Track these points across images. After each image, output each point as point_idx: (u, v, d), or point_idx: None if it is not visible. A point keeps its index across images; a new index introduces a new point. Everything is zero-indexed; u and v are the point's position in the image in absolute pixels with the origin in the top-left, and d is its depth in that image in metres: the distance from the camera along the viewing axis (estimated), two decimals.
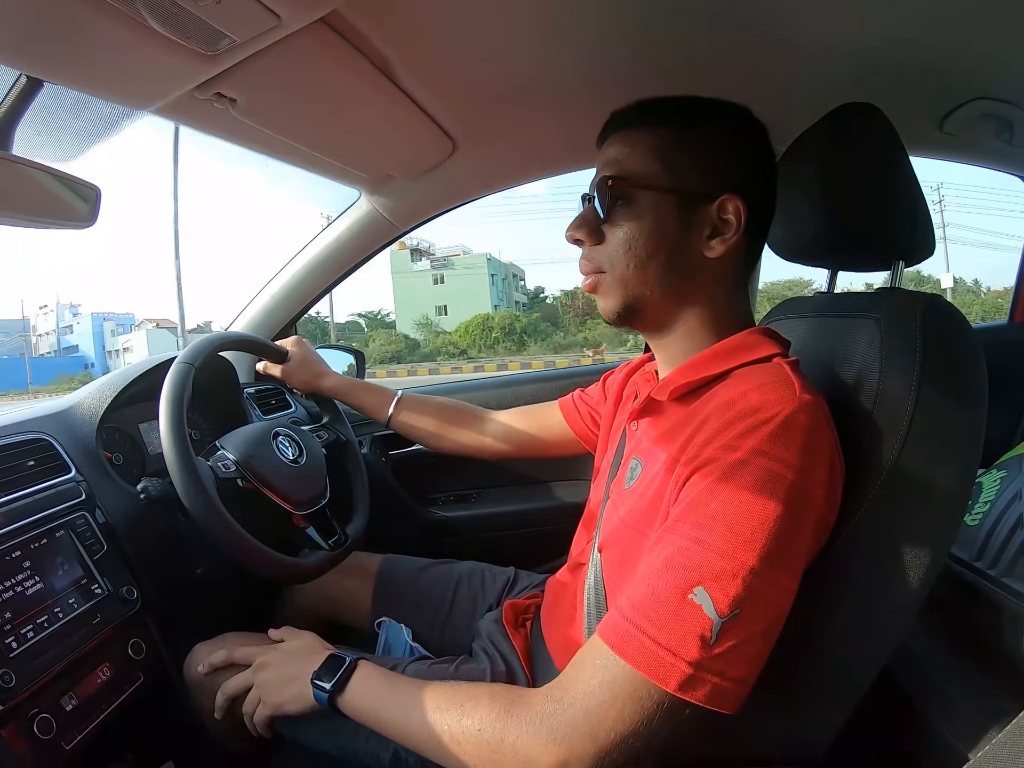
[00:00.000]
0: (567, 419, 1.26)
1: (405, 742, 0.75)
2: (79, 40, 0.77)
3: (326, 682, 0.82)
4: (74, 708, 0.89)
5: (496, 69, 1.07)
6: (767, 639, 0.62)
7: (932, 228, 0.85)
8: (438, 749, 0.69)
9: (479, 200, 1.66)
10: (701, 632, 0.58)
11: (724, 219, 0.76)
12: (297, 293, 1.71)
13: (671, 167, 0.76)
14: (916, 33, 1.02)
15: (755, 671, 0.62)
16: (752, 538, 0.60)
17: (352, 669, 0.83)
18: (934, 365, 0.71)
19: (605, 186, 0.78)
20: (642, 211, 0.77)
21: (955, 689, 0.91)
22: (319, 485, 1.17)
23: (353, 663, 0.84)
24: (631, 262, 0.78)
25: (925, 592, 0.71)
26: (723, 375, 0.75)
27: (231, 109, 0.99)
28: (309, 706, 0.84)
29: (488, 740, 0.65)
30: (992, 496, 1.05)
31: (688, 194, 0.76)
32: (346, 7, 0.83)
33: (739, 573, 0.59)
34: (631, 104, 0.81)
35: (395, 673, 0.87)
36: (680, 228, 0.77)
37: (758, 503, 0.61)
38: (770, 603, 0.61)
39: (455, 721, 0.69)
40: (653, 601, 0.62)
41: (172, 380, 1.01)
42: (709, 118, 0.78)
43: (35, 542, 0.93)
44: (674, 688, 0.58)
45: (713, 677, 0.59)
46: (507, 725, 0.65)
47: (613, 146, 0.81)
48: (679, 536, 0.64)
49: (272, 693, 0.88)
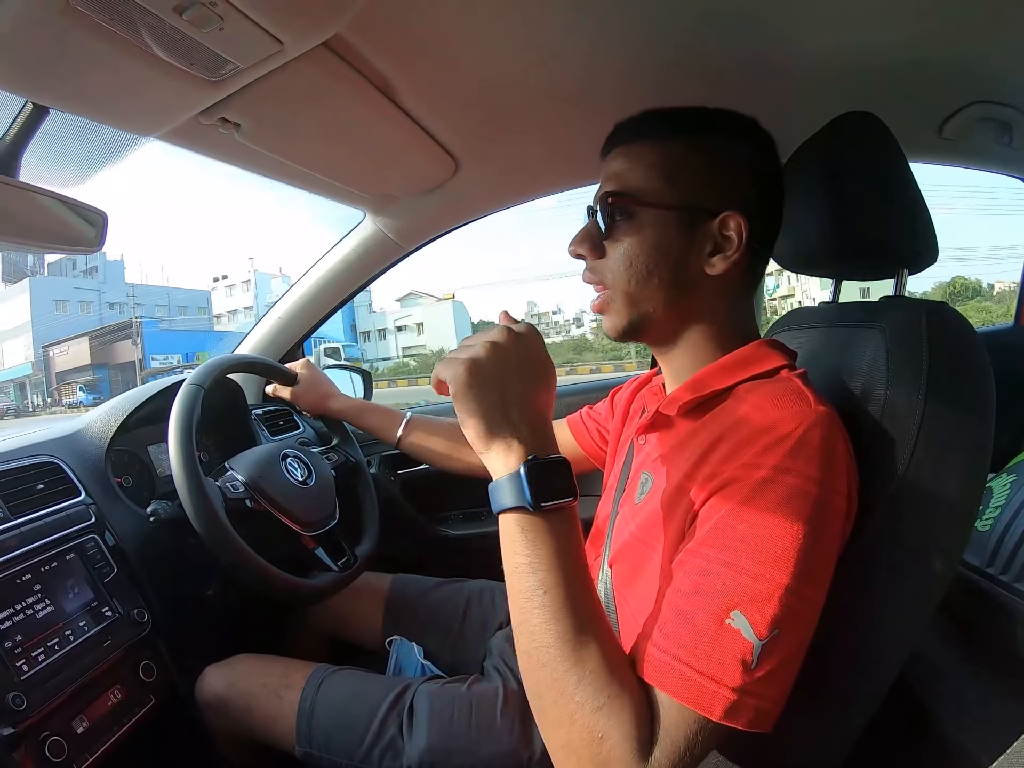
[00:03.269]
0: (575, 437, 1.25)
1: (528, 630, 0.62)
2: (85, 68, 0.78)
3: (538, 482, 0.62)
4: (85, 731, 0.89)
5: (497, 87, 1.07)
6: (801, 654, 0.61)
7: (935, 235, 0.85)
8: (542, 692, 0.61)
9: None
10: (742, 657, 0.56)
11: (726, 236, 0.75)
12: (304, 314, 1.72)
13: (673, 183, 0.76)
14: (912, 39, 1.02)
15: (789, 687, 0.60)
16: (783, 557, 0.58)
17: (571, 503, 0.64)
18: (940, 373, 0.70)
19: (606, 203, 0.78)
20: (643, 227, 0.76)
21: (969, 695, 0.90)
22: (328, 506, 1.18)
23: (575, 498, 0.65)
24: (632, 278, 0.77)
25: (938, 600, 0.70)
26: (731, 388, 0.75)
27: (235, 134, 1.00)
28: (504, 475, 0.63)
29: (594, 752, 0.57)
30: (1003, 501, 1.04)
31: (689, 211, 0.76)
32: (347, 31, 0.84)
33: (775, 593, 0.58)
34: (635, 116, 0.80)
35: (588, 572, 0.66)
36: (681, 245, 0.76)
37: (786, 521, 0.59)
38: (805, 619, 0.60)
39: (588, 710, 0.57)
40: (689, 629, 0.59)
41: (181, 402, 1.02)
42: (714, 131, 0.78)
43: (45, 565, 0.93)
44: (719, 716, 0.56)
45: (756, 700, 0.57)
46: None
47: (616, 160, 0.80)
48: (706, 560, 0.62)
49: (469, 423, 0.65)
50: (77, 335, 37.44)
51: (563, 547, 0.62)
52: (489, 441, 0.64)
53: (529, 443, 0.63)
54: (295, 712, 0.98)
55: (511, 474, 0.62)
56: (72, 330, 37.88)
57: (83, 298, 42.14)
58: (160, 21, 0.69)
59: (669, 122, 0.78)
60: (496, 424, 0.63)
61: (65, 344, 37.42)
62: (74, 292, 41.98)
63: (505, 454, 0.63)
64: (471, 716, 0.94)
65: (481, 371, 0.63)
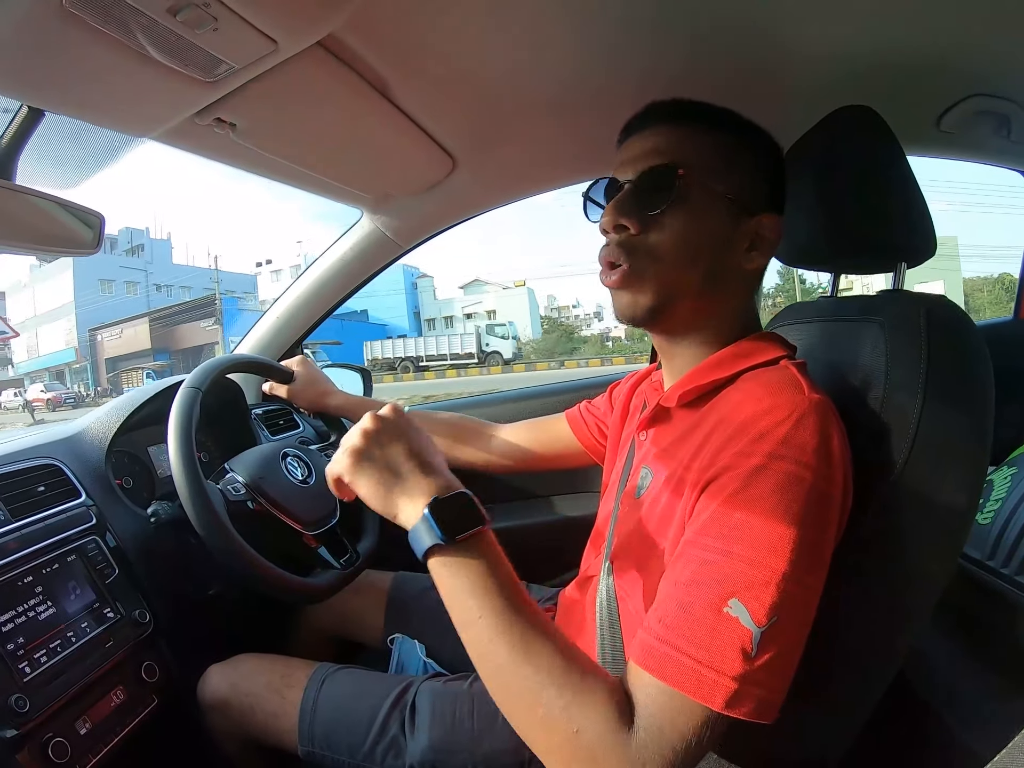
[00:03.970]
0: (574, 431, 1.25)
1: (484, 668, 0.64)
2: (80, 70, 0.78)
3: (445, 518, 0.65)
4: (88, 732, 0.89)
5: (492, 86, 1.07)
6: (801, 643, 0.61)
7: (932, 228, 0.85)
8: (517, 709, 0.62)
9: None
10: (741, 645, 0.56)
11: (760, 235, 0.76)
12: (302, 314, 1.72)
13: (730, 171, 0.76)
14: (909, 32, 1.02)
15: (790, 677, 0.60)
16: (780, 543, 0.59)
17: (482, 529, 0.67)
18: (939, 368, 0.70)
19: (669, 174, 0.74)
20: (698, 210, 0.75)
21: (970, 689, 0.90)
22: (329, 505, 1.18)
23: (486, 524, 0.68)
24: (680, 260, 0.75)
25: (937, 594, 0.70)
26: (731, 379, 0.75)
27: (231, 134, 1.00)
28: (415, 522, 0.67)
29: (577, 746, 0.57)
30: (1003, 494, 1.04)
31: (741, 203, 0.76)
32: (342, 30, 0.84)
33: (772, 580, 0.58)
34: (679, 99, 0.79)
35: (522, 586, 0.69)
36: (728, 236, 0.76)
37: (781, 507, 0.60)
38: (803, 606, 0.60)
39: (560, 708, 0.58)
40: (687, 619, 0.59)
41: (180, 404, 1.02)
42: (750, 133, 0.79)
43: (47, 567, 0.93)
44: (720, 706, 0.56)
45: (757, 689, 0.57)
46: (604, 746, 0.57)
47: (659, 136, 0.78)
48: (703, 549, 0.62)
49: (373, 498, 0.70)
50: (137, 316, 33.31)
51: (486, 571, 0.65)
52: (394, 501, 0.69)
53: (427, 488, 0.68)
54: (297, 711, 0.98)
55: (420, 519, 0.66)
56: (117, 314, 33.67)
57: (129, 278, 37.55)
58: (154, 22, 0.69)
59: (714, 113, 0.79)
60: (393, 484, 0.69)
61: (117, 327, 33.33)
62: (120, 271, 37.30)
63: (411, 505, 0.67)
64: (473, 713, 0.94)
65: (362, 452, 0.71)
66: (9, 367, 39.27)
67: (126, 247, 38.65)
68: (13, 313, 37.84)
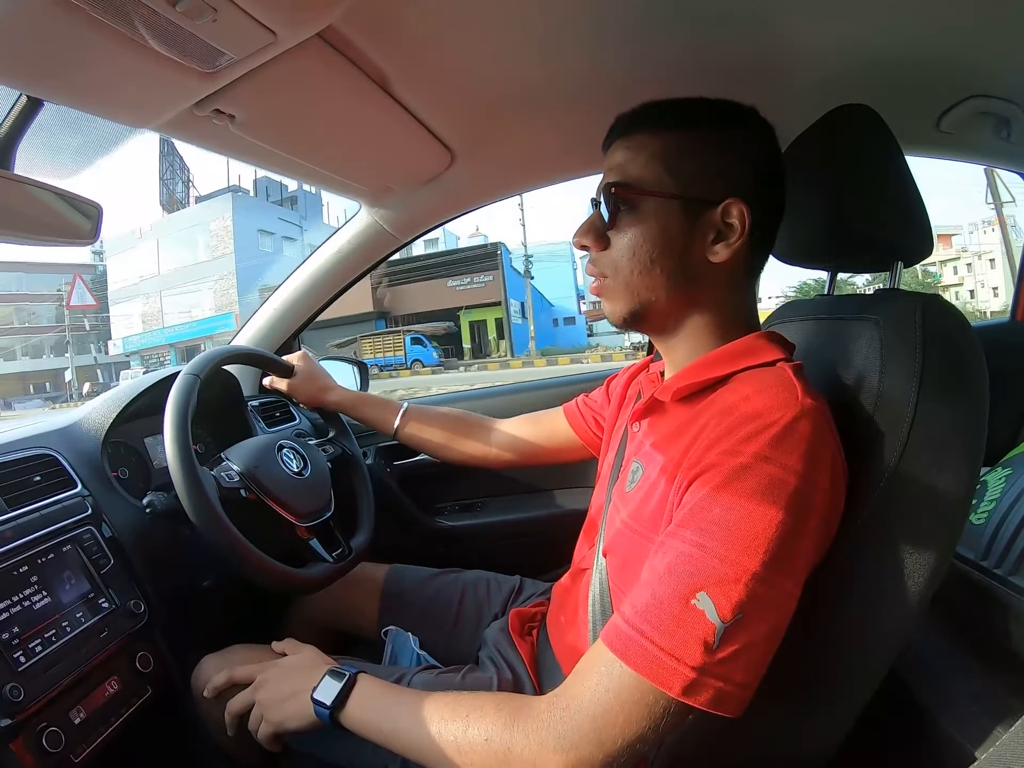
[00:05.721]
0: (572, 424, 1.26)
1: (411, 755, 0.74)
2: (79, 60, 0.78)
3: (326, 698, 0.81)
4: (83, 721, 0.89)
5: (492, 79, 1.07)
6: (770, 643, 0.62)
7: (930, 228, 0.85)
8: (445, 761, 0.69)
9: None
10: (704, 637, 0.58)
11: (728, 223, 0.76)
12: (300, 306, 1.71)
13: (674, 172, 0.76)
14: (910, 32, 1.02)
15: (758, 675, 0.61)
16: (754, 543, 0.60)
17: (352, 684, 0.82)
18: (934, 366, 0.70)
19: (609, 193, 0.78)
20: (646, 217, 0.77)
21: (962, 689, 0.90)
22: (323, 497, 1.18)
23: (353, 678, 0.83)
24: (635, 268, 0.78)
25: (930, 594, 0.70)
26: (726, 378, 0.75)
27: (230, 125, 1.00)
28: (310, 722, 0.83)
29: (495, 750, 0.65)
30: (997, 494, 1.04)
31: (691, 200, 0.76)
32: (341, 22, 0.84)
33: (741, 578, 0.59)
34: (635, 108, 0.81)
35: (397, 686, 0.87)
36: (684, 233, 0.76)
37: (760, 508, 0.61)
38: (773, 608, 0.61)
39: (460, 732, 0.68)
40: (656, 606, 0.62)
41: (177, 392, 1.02)
42: (713, 121, 0.78)
43: (42, 557, 0.93)
44: (678, 693, 0.58)
45: (716, 682, 0.59)
46: (513, 734, 0.65)
47: (617, 152, 0.80)
48: (681, 541, 0.64)
49: (273, 711, 0.87)
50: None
51: (381, 706, 0.80)
52: (295, 698, 0.86)
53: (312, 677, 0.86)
54: None
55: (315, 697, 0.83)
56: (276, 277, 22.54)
57: (287, 233, 31.32)
58: (154, 13, 0.69)
59: (669, 113, 0.79)
60: (291, 682, 0.89)
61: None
62: (278, 224, 31.04)
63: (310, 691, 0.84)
64: None
65: (264, 685, 0.91)
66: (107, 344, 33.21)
67: (278, 196, 33.49)
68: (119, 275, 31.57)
